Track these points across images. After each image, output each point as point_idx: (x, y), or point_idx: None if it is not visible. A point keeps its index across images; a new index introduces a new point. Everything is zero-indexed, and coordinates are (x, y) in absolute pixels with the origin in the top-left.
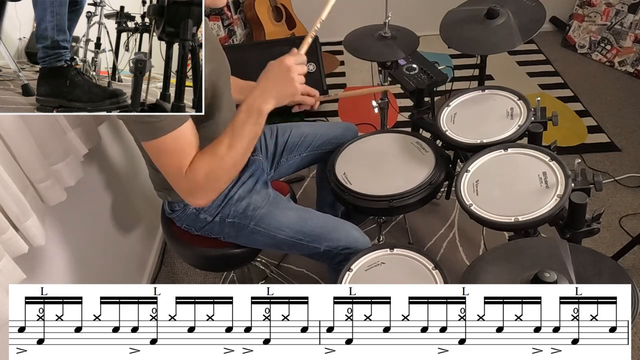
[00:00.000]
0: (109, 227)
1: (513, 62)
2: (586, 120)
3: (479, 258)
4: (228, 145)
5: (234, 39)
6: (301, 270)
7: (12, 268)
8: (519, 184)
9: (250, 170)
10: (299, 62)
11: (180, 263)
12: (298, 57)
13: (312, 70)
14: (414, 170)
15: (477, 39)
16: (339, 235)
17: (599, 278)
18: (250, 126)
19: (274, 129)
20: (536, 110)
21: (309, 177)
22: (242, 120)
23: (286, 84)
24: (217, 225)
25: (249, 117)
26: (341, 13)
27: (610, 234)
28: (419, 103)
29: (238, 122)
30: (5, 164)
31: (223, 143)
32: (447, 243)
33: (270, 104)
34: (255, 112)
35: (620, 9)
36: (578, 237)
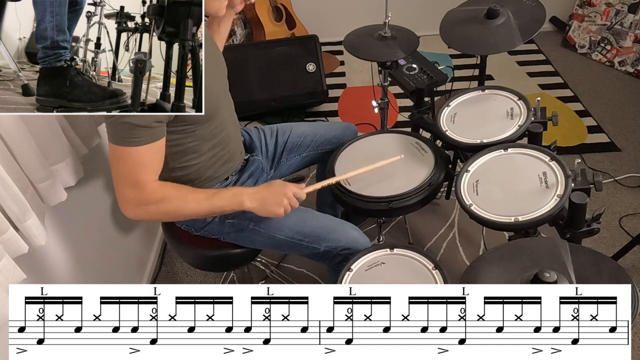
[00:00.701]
0: (109, 227)
1: (513, 62)
2: (586, 120)
3: (479, 258)
4: (197, 198)
5: (234, 39)
6: (301, 270)
7: (12, 268)
8: (519, 184)
9: (250, 170)
10: (297, 195)
11: (180, 263)
12: (300, 192)
13: (312, 70)
14: (414, 171)
15: (477, 39)
16: (338, 236)
17: (599, 278)
18: (225, 204)
19: (274, 129)
20: (536, 110)
21: (309, 177)
22: (225, 196)
23: (274, 203)
24: (216, 226)
25: (231, 199)
26: (341, 13)
27: (610, 234)
28: (419, 103)
29: (221, 194)
30: (5, 164)
31: (197, 193)
32: (447, 243)
33: (252, 206)
34: (237, 202)
35: (620, 9)
36: (578, 237)
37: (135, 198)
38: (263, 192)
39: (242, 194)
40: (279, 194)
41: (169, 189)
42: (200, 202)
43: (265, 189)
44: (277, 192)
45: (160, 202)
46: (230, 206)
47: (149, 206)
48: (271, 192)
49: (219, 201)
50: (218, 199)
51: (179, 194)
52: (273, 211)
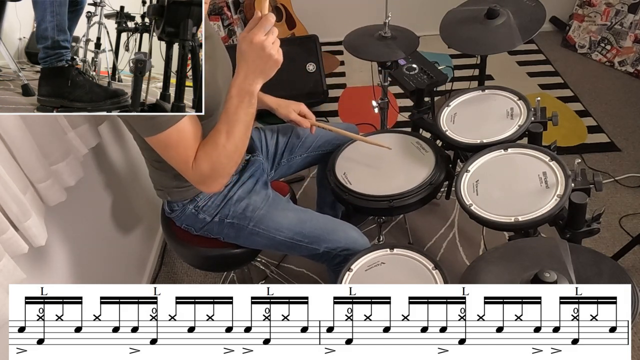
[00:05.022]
0: (109, 227)
1: (513, 62)
2: (586, 120)
3: (479, 258)
4: (226, 132)
5: (234, 39)
6: (301, 270)
7: (12, 268)
8: (519, 184)
9: (250, 171)
10: (267, 31)
11: (180, 263)
12: (264, 25)
13: (312, 70)
14: (414, 170)
15: (477, 39)
16: (337, 237)
17: (599, 278)
18: (245, 109)
19: (274, 130)
20: (536, 110)
21: (309, 177)
22: (235, 105)
23: (266, 61)
24: (216, 226)
25: (241, 102)
26: (341, 13)
27: (610, 234)
28: (419, 103)
29: (231, 108)
30: (5, 164)
31: (221, 132)
32: (447, 243)
33: (259, 84)
34: (247, 95)
35: (620, 9)
36: (578, 237)
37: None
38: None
39: (242, 88)
40: (258, 52)
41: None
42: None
43: (246, 62)
44: (255, 54)
45: (212, 169)
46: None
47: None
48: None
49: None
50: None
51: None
52: (275, 66)
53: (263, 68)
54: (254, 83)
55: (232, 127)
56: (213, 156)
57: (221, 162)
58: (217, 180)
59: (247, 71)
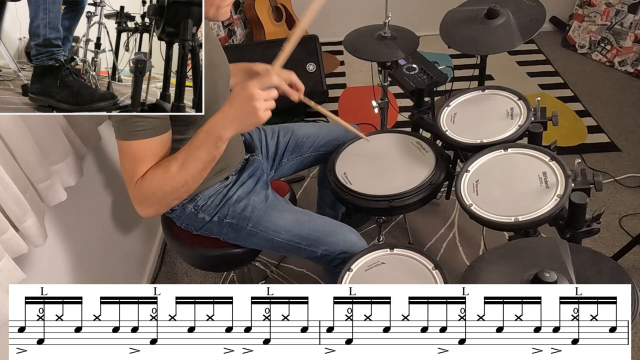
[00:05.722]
0: (109, 227)
1: (513, 62)
2: (586, 120)
3: (479, 258)
4: (181, 164)
5: (234, 39)
6: (301, 270)
7: (12, 268)
8: (519, 184)
9: (250, 170)
10: (266, 86)
11: (180, 263)
12: (265, 80)
13: (312, 70)
14: (414, 170)
15: (477, 39)
16: (336, 239)
17: (599, 278)
18: (208, 149)
19: (275, 130)
20: (536, 110)
21: (309, 177)
22: (200, 142)
23: (248, 114)
24: (215, 226)
25: (207, 140)
26: (341, 13)
27: (610, 234)
28: (419, 103)
29: (196, 143)
30: (5, 164)
31: (177, 161)
32: (447, 243)
33: (231, 131)
34: (214, 137)
35: (620, 9)
36: (578, 237)
37: (135, 196)
38: (229, 111)
39: (214, 127)
40: (245, 102)
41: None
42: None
43: (231, 107)
44: (242, 101)
45: (153, 194)
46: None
47: (148, 200)
48: (237, 105)
49: (199, 154)
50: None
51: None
52: (254, 122)
53: (242, 118)
54: (225, 129)
55: (189, 161)
56: (159, 181)
57: (164, 190)
58: (152, 206)
59: (227, 114)
